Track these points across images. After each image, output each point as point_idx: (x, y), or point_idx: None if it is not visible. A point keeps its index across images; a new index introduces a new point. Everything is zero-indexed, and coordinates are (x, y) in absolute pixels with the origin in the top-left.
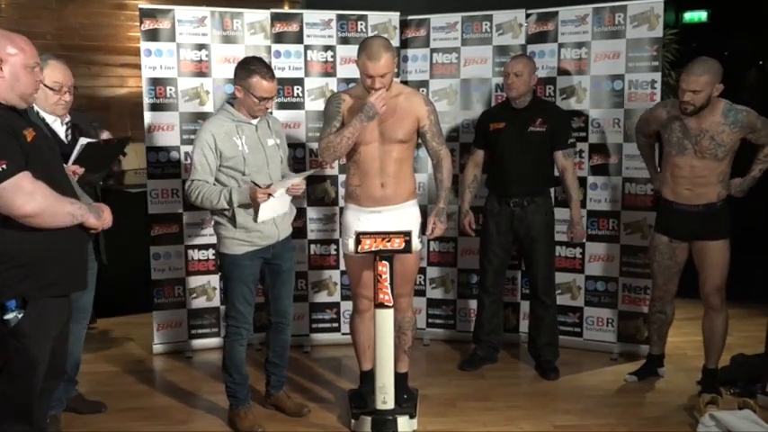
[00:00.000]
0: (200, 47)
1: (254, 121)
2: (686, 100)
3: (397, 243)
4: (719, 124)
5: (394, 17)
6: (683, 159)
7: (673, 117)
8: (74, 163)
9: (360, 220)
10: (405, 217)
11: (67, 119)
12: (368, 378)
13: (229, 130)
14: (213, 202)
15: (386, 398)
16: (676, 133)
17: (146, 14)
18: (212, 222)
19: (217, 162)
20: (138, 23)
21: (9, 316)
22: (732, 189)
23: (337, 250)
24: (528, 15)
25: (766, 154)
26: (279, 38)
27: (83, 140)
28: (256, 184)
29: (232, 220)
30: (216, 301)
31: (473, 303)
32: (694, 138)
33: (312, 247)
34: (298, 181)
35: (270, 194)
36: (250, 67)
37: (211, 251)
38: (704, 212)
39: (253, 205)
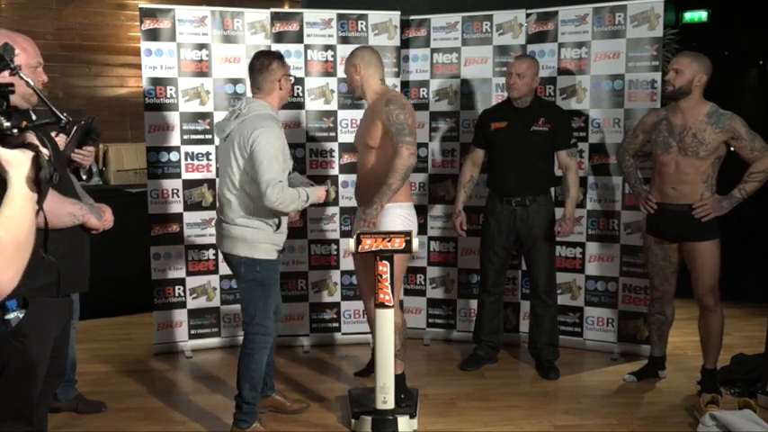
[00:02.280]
0: (201, 46)
1: None
2: (667, 79)
3: (398, 243)
4: (702, 123)
5: (394, 16)
6: (668, 157)
7: (662, 119)
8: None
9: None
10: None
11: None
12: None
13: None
14: (295, 204)
15: (386, 398)
16: (663, 133)
17: (146, 14)
18: (234, 228)
19: None
20: (138, 23)
21: (10, 316)
22: (715, 206)
23: (337, 250)
24: (528, 15)
25: (750, 173)
26: (279, 37)
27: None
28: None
29: (276, 224)
30: (216, 302)
31: (473, 303)
32: (678, 135)
33: (312, 247)
34: None
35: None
36: (280, 55)
37: (212, 251)
38: (690, 212)
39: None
